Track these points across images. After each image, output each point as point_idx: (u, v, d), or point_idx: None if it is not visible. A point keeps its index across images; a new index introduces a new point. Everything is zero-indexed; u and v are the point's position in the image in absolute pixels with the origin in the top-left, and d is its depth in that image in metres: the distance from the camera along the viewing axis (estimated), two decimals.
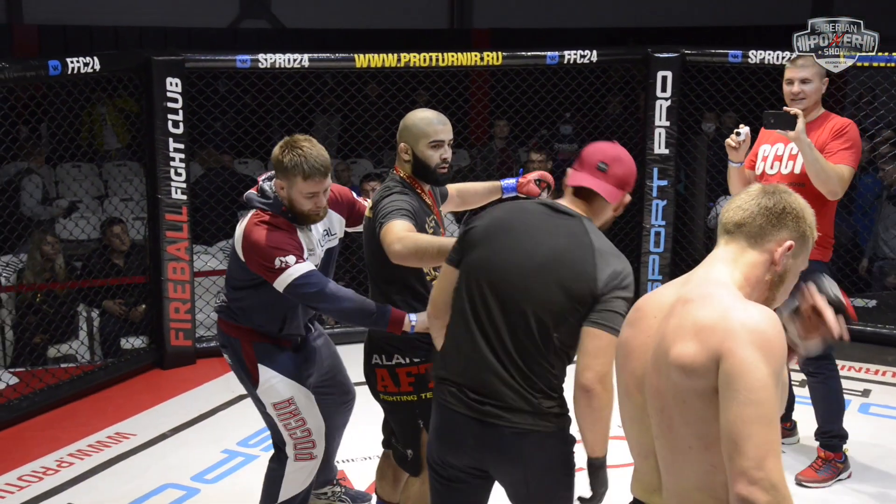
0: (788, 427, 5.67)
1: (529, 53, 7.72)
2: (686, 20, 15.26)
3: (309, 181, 4.00)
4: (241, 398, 6.30)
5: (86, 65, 6.25)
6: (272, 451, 4.42)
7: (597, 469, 3.20)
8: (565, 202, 3.24)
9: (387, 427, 4.20)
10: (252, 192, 4.20)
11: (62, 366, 7.09)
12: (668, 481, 2.36)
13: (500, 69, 7.94)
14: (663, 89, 7.68)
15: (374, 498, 4.62)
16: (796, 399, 5.53)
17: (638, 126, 8.14)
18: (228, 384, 6.44)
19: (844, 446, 5.33)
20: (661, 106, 7.72)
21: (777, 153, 5.20)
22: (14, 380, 6.64)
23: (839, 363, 5.40)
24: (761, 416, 2.10)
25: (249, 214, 4.16)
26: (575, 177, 3.24)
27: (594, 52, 7.60)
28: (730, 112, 9.03)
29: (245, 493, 5.04)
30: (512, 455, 3.13)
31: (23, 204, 8.91)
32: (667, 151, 7.72)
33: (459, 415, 3.16)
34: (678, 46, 7.77)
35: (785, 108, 5.04)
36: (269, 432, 4.45)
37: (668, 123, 7.70)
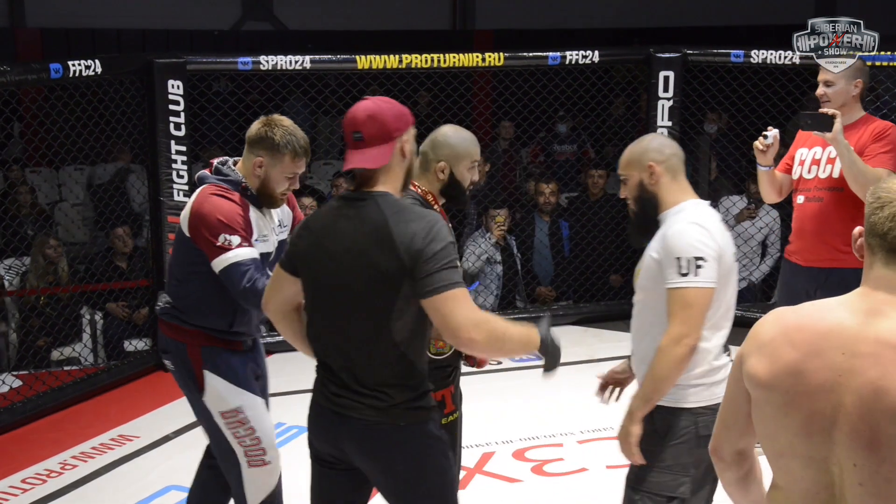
0: None
1: (531, 54, 7.74)
2: (688, 20, 15.28)
3: (297, 160, 3.97)
4: None
5: (87, 68, 6.27)
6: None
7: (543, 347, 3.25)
8: (357, 186, 3.17)
9: None
10: (205, 172, 4.09)
11: (65, 368, 7.12)
12: None
13: (502, 70, 7.94)
14: (665, 89, 7.71)
15: None
16: None
17: (640, 126, 8.16)
18: None
19: None
20: (663, 106, 7.74)
21: (815, 157, 5.10)
22: (18, 382, 6.68)
23: None
24: None
25: (197, 192, 4.02)
26: (346, 161, 3.14)
27: (596, 52, 7.63)
28: (720, 113, 9.06)
29: None
30: (365, 448, 3.10)
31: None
32: None
33: (322, 406, 3.15)
34: (680, 46, 7.78)
35: (822, 109, 4.95)
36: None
37: (670, 123, 7.72)
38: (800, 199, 5.14)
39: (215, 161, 4.10)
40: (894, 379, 2.06)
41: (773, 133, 5.05)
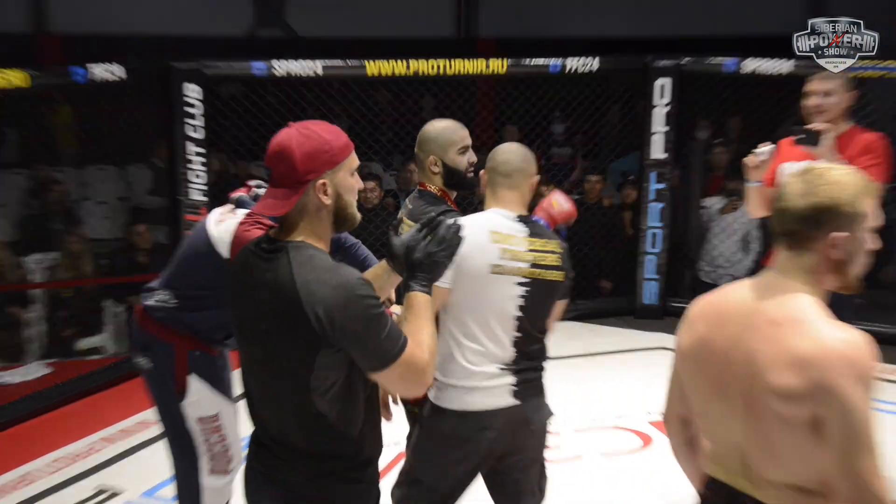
0: None
1: (533, 62, 7.75)
2: (683, 30, 15.32)
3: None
4: None
5: (109, 72, 6.31)
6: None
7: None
8: (277, 229, 2.66)
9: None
10: (243, 194, 3.95)
11: (90, 358, 7.19)
12: (765, 473, 2.34)
13: (504, 77, 7.99)
14: (661, 97, 7.79)
15: None
16: None
17: (637, 132, 8.25)
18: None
19: None
20: (658, 113, 7.81)
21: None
22: (47, 370, 6.79)
23: None
24: (867, 445, 2.16)
25: (237, 216, 3.82)
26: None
27: (595, 60, 7.69)
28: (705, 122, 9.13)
29: None
30: None
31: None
32: (664, 156, 7.83)
33: (253, 467, 2.78)
34: (676, 55, 7.84)
35: (812, 124, 4.82)
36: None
37: (666, 129, 7.81)
38: None
39: (252, 184, 4.01)
40: (765, 349, 2.26)
41: (767, 149, 4.90)
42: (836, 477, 2.20)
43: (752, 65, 7.46)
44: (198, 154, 7.00)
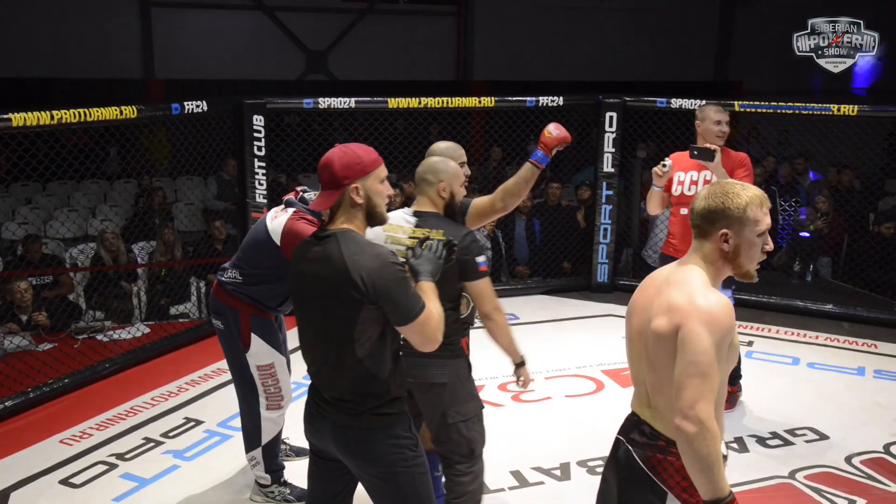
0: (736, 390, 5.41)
1: (514, 98, 7.68)
2: (626, 76, 15.32)
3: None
4: None
5: (197, 107, 6.29)
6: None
7: None
8: (326, 222, 2.79)
9: None
10: (292, 197, 3.97)
11: (180, 321, 7.18)
12: (654, 402, 2.45)
13: (492, 110, 7.92)
14: (610, 125, 7.72)
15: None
16: None
17: (591, 152, 8.19)
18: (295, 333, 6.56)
19: (739, 381, 5.43)
20: (608, 137, 7.75)
21: (692, 178, 5.02)
22: (146, 330, 6.78)
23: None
24: (699, 372, 2.21)
25: (287, 213, 3.86)
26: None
27: (561, 98, 7.64)
28: (649, 143, 9.08)
29: None
30: (341, 446, 2.75)
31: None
32: (612, 170, 7.79)
33: (311, 406, 2.84)
34: (621, 95, 7.78)
35: (707, 144, 4.89)
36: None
37: (613, 150, 7.75)
38: (683, 210, 5.00)
39: (300, 189, 4.03)
40: (657, 301, 2.38)
41: (669, 163, 4.97)
42: (674, 396, 2.26)
43: (677, 102, 7.41)
44: (260, 167, 6.95)
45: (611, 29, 15.93)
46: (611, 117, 7.71)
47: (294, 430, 4.69)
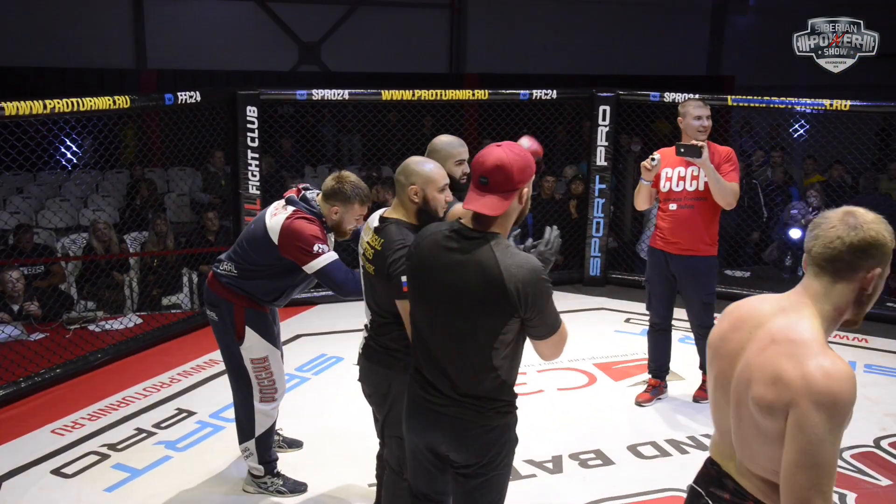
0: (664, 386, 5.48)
1: (507, 92, 7.66)
2: (619, 69, 15.32)
3: (363, 205, 3.85)
4: (296, 337, 6.39)
5: (190, 97, 6.27)
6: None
7: None
8: (472, 222, 2.62)
9: None
10: (293, 195, 3.93)
11: (172, 311, 7.16)
12: (741, 457, 2.10)
13: (485, 103, 7.90)
14: (603, 119, 7.72)
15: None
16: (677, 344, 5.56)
17: (584, 145, 8.20)
18: (289, 326, 6.54)
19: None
20: (601, 131, 7.74)
21: (680, 174, 5.02)
22: (138, 320, 6.76)
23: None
24: (813, 463, 1.86)
25: (286, 211, 3.85)
26: (466, 198, 2.61)
27: (554, 91, 7.61)
28: (636, 138, 9.09)
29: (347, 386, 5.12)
30: (458, 440, 2.69)
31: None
32: (605, 164, 7.79)
33: (419, 404, 2.75)
34: (614, 88, 7.78)
35: (693, 141, 4.90)
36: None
37: (606, 144, 7.75)
38: (672, 206, 5.05)
39: (301, 187, 3.99)
40: (759, 362, 1.99)
41: (658, 157, 4.99)
42: (781, 485, 1.94)
43: (670, 96, 7.42)
44: (253, 158, 6.93)
45: (604, 22, 15.91)
46: (604, 111, 7.71)
47: (286, 421, 4.70)
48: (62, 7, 12.97)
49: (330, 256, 3.78)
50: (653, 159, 4.99)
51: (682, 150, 4.88)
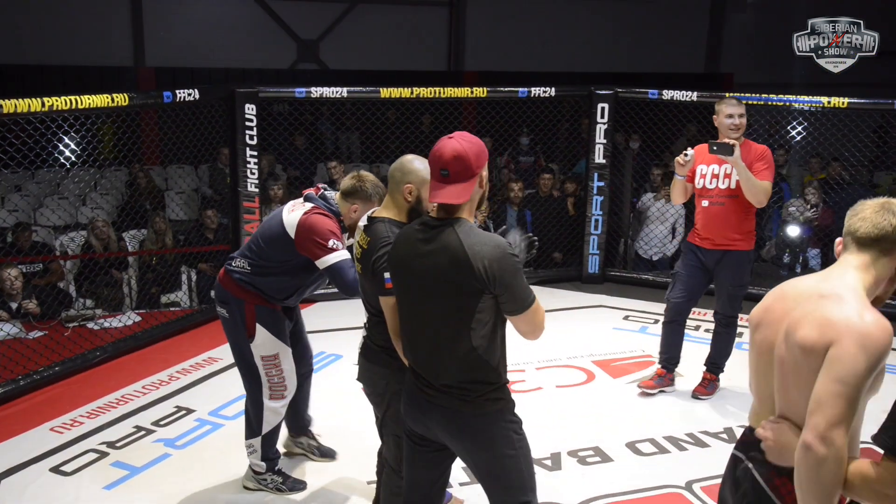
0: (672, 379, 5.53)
1: (506, 89, 7.67)
2: (618, 67, 15.32)
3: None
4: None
5: (189, 95, 6.26)
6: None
7: None
8: (438, 213, 2.72)
9: None
10: (313, 192, 3.94)
11: (170, 309, 7.16)
12: (782, 410, 2.26)
13: (484, 100, 7.89)
14: (602, 116, 7.72)
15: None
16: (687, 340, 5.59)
17: (582, 143, 8.20)
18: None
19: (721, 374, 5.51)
20: (600, 129, 7.75)
21: (713, 172, 5.10)
22: (137, 318, 6.76)
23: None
24: (845, 394, 2.03)
25: (304, 207, 3.87)
26: (430, 193, 2.70)
27: (553, 89, 7.62)
28: (634, 136, 9.09)
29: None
30: (451, 430, 2.75)
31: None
32: (604, 161, 7.79)
33: (415, 394, 2.81)
34: (613, 86, 7.78)
35: (726, 139, 4.95)
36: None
37: (605, 141, 7.75)
38: (704, 203, 5.16)
39: (321, 186, 4.00)
40: (806, 313, 2.17)
41: (691, 153, 5.06)
42: (808, 412, 2.08)
43: (668, 94, 7.42)
44: (252, 156, 6.92)
45: (603, 20, 15.91)
46: (602, 108, 7.71)
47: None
48: (61, 5, 12.96)
49: (343, 254, 3.78)
50: (686, 154, 5.08)
51: (715, 147, 4.94)
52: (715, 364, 5.43)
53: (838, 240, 2.34)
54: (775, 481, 2.24)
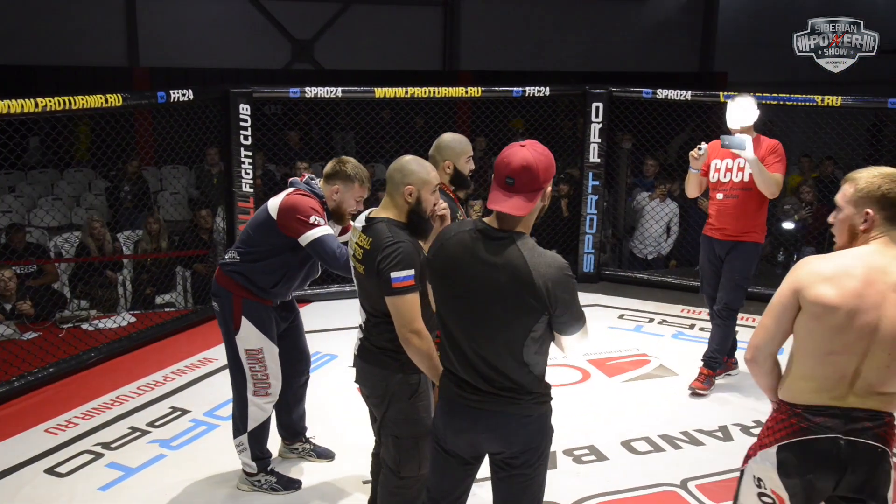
0: (733, 363, 5.68)
1: (500, 89, 7.66)
2: (613, 66, 15.33)
3: (363, 186, 3.92)
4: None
5: (183, 95, 6.25)
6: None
7: None
8: (496, 222, 2.66)
9: None
10: (296, 179, 4.02)
11: (165, 310, 7.15)
12: (879, 389, 2.49)
13: (479, 100, 7.88)
14: (596, 116, 7.72)
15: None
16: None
17: (577, 142, 8.21)
18: None
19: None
20: (594, 128, 7.74)
21: (727, 166, 5.23)
22: (132, 319, 6.75)
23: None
24: None
25: (287, 190, 3.95)
26: (490, 199, 2.63)
27: (547, 88, 7.61)
28: (627, 135, 9.10)
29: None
30: (499, 433, 2.73)
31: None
32: (598, 160, 7.80)
33: (456, 402, 2.77)
34: (607, 85, 7.79)
35: (738, 134, 5.02)
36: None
37: (599, 140, 7.76)
38: (719, 195, 5.29)
39: (306, 175, 4.06)
40: None
41: (705, 147, 5.15)
42: None
43: (662, 93, 7.43)
44: (246, 156, 6.91)
45: (597, 20, 15.92)
46: (597, 108, 7.71)
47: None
48: (54, 5, 12.93)
49: (326, 230, 3.82)
50: (699, 148, 5.16)
51: (727, 142, 5.02)
52: (713, 359, 5.45)
53: (847, 210, 2.55)
54: (884, 436, 2.50)
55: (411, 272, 3.00)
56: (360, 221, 3.25)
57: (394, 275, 2.96)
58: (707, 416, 5.15)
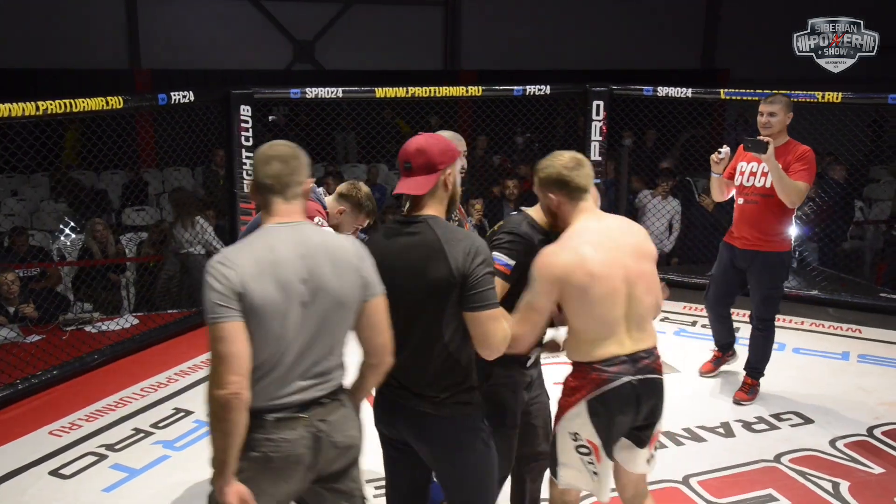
0: (731, 354, 5.71)
1: (501, 88, 7.65)
2: (613, 64, 15.32)
3: (367, 218, 3.96)
4: None
5: (184, 97, 6.25)
6: None
7: None
8: (409, 210, 2.77)
9: None
10: None
11: (169, 311, 7.15)
12: None
13: (480, 99, 7.87)
14: (597, 114, 7.69)
15: None
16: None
17: (578, 140, 8.21)
18: None
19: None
20: (595, 126, 7.74)
21: (752, 170, 5.06)
22: (135, 321, 6.77)
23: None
24: None
25: None
26: (397, 186, 2.75)
27: (548, 87, 7.60)
28: (627, 132, 9.10)
29: None
30: (417, 434, 2.78)
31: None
32: (599, 158, 7.80)
33: (384, 395, 2.82)
34: (608, 83, 7.77)
35: (759, 136, 4.91)
36: None
37: (600, 138, 7.76)
38: (740, 200, 5.14)
39: (309, 180, 4.04)
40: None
41: (725, 150, 5.02)
42: None
43: (663, 91, 7.42)
44: (248, 158, 6.91)
45: (598, 18, 15.91)
46: (598, 105, 7.68)
47: None
48: (55, 7, 12.95)
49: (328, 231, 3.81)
50: (720, 152, 5.03)
51: (749, 145, 4.89)
52: (755, 369, 5.33)
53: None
54: None
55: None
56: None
57: (504, 259, 3.08)
58: (709, 412, 5.16)
